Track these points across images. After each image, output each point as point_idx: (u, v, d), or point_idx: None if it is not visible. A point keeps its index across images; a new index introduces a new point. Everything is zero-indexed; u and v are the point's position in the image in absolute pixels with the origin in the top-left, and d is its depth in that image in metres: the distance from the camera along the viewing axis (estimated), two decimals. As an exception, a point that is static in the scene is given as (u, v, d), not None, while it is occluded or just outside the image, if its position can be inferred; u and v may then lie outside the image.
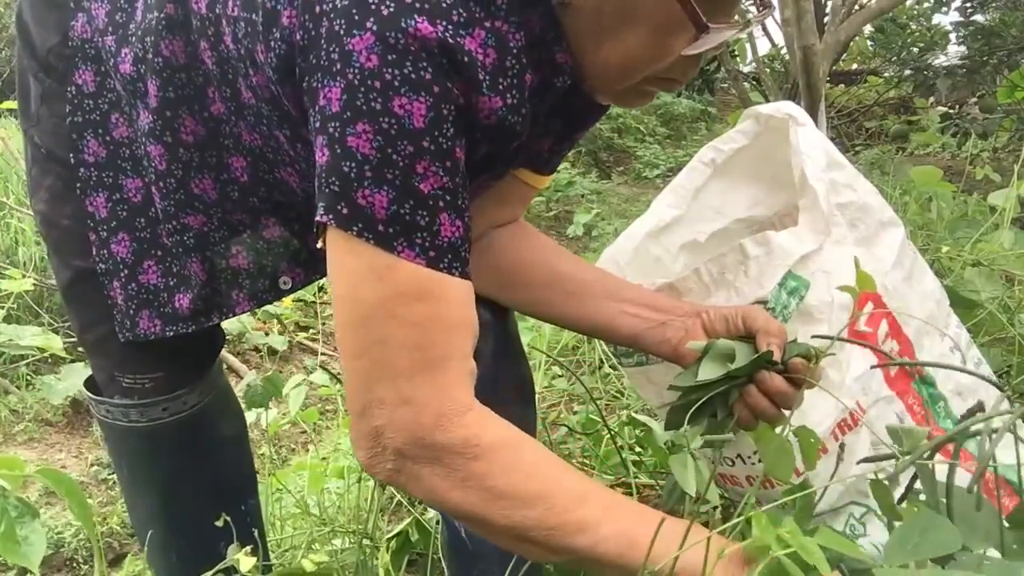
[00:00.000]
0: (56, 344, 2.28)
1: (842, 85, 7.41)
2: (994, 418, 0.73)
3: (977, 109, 6.17)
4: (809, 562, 0.62)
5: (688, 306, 1.05)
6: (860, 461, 0.88)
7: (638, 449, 1.66)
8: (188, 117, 0.93)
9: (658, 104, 6.57)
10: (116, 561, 1.98)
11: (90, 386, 1.13)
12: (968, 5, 5.75)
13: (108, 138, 0.99)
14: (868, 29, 7.04)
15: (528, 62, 0.80)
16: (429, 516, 1.45)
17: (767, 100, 5.68)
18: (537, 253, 1.10)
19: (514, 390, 1.13)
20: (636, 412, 1.78)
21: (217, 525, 1.05)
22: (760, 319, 0.97)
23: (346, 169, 0.74)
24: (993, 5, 5.64)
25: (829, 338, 0.93)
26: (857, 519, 1.04)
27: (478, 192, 0.93)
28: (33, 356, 2.69)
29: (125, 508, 2.00)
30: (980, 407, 0.71)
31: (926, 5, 6.71)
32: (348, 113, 0.73)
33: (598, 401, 1.86)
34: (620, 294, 1.07)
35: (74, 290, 1.07)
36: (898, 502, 0.76)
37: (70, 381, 2.53)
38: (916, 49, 6.40)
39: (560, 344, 2.42)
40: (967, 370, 1.08)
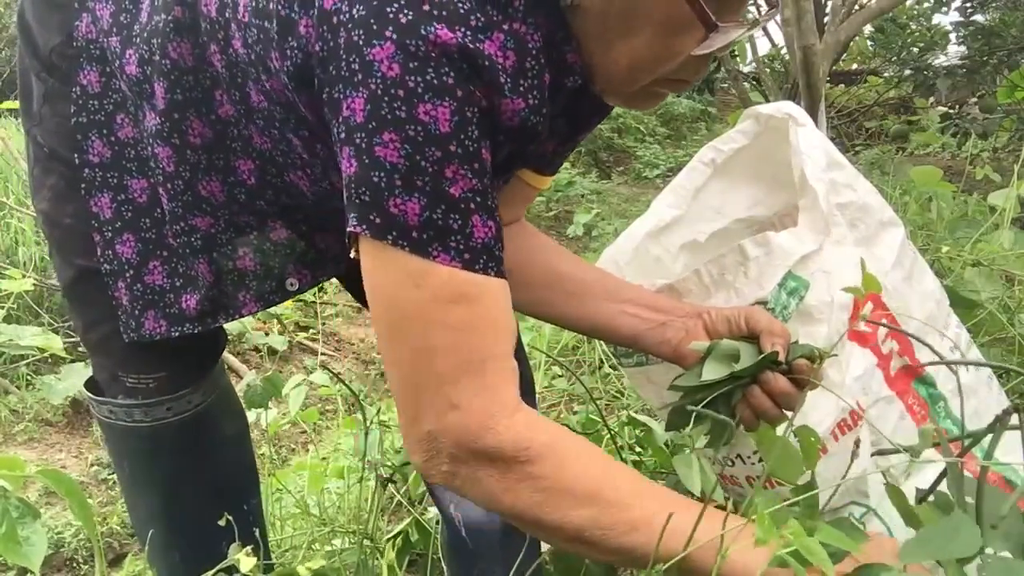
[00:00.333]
0: (56, 344, 2.28)
1: (842, 85, 7.41)
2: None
3: (977, 109, 6.17)
4: (812, 562, 0.62)
5: (688, 307, 1.05)
6: (874, 454, 0.89)
7: (638, 449, 1.67)
8: (196, 119, 0.93)
9: (658, 104, 6.56)
10: (116, 561, 1.98)
11: (91, 387, 1.13)
12: (968, 5, 5.75)
13: (113, 139, 0.99)
14: (868, 29, 7.04)
15: (546, 62, 0.80)
16: (429, 516, 1.45)
17: (767, 100, 5.68)
18: (537, 253, 1.10)
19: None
20: (636, 412, 1.78)
21: (219, 525, 1.05)
22: (763, 320, 0.97)
23: (376, 179, 0.74)
24: (993, 5, 5.64)
25: (897, 330, 0.93)
26: (857, 519, 1.05)
27: None
28: (33, 356, 2.69)
29: (125, 508, 2.00)
30: (1011, 411, 0.71)
31: (926, 5, 6.71)
32: (373, 123, 0.73)
33: (598, 401, 1.86)
34: (620, 294, 1.07)
35: (76, 289, 1.07)
36: (918, 503, 0.75)
37: (70, 381, 2.52)
38: (916, 49, 6.41)
39: (560, 344, 2.42)
40: (987, 363, 1.07)
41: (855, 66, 8.28)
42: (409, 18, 0.72)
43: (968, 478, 0.71)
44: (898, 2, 5.48)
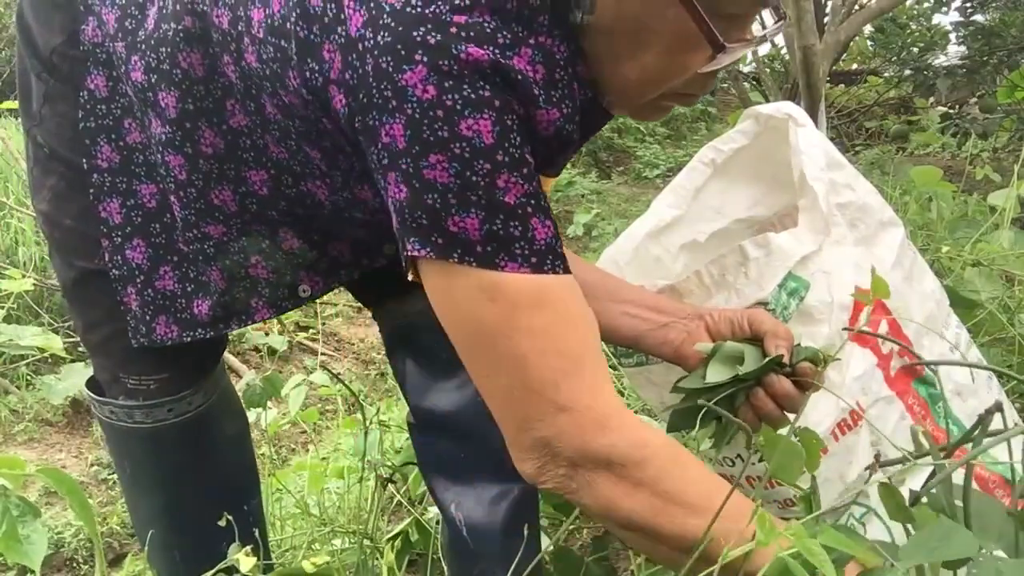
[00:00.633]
0: (56, 344, 2.28)
1: (842, 85, 7.40)
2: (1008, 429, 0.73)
3: (977, 109, 6.17)
4: (815, 564, 0.62)
5: (690, 308, 1.05)
6: (868, 467, 0.89)
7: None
8: (207, 129, 0.92)
9: (664, 116, 6.57)
10: (116, 561, 1.98)
11: (92, 386, 1.13)
12: (968, 5, 5.75)
13: (121, 143, 0.99)
14: (868, 29, 7.03)
15: (573, 72, 0.80)
16: (429, 516, 1.45)
17: (767, 100, 5.68)
18: None
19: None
20: (636, 412, 1.78)
21: (220, 525, 1.05)
22: (767, 322, 0.97)
23: (430, 201, 0.74)
24: (993, 5, 5.64)
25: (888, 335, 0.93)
26: (857, 519, 1.05)
27: None
28: (33, 356, 2.69)
29: (125, 508, 2.00)
30: (998, 407, 0.71)
31: (926, 5, 6.70)
32: (417, 147, 0.73)
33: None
34: (621, 295, 1.07)
35: (77, 291, 1.06)
36: (909, 504, 0.75)
37: (70, 381, 2.53)
38: (916, 49, 6.40)
39: (560, 344, 2.42)
40: (976, 365, 1.07)
41: (855, 66, 8.27)
42: (438, 39, 0.72)
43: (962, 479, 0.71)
44: (898, 2, 5.48)
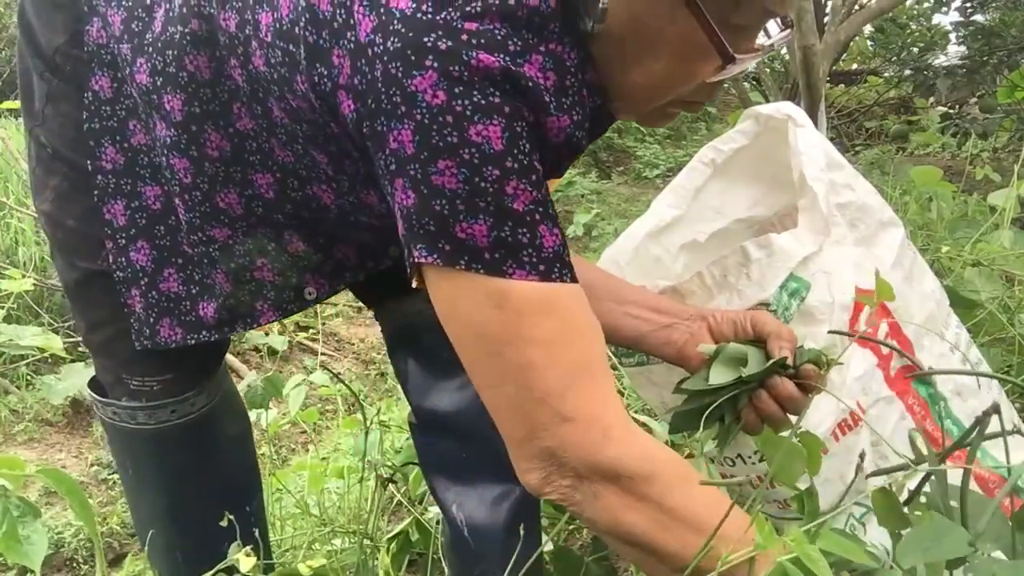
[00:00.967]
0: (56, 344, 2.28)
1: (842, 85, 7.40)
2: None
3: (977, 109, 6.17)
4: (813, 571, 0.62)
5: (692, 309, 1.05)
6: (870, 475, 0.89)
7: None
8: (214, 132, 0.92)
9: (671, 122, 6.57)
10: (116, 561, 1.98)
11: (94, 387, 1.13)
12: (968, 5, 5.75)
13: (126, 145, 0.98)
14: (868, 29, 7.03)
15: (583, 79, 0.80)
16: (429, 516, 1.45)
17: (767, 100, 5.69)
18: None
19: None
20: (636, 412, 1.78)
21: (221, 526, 1.05)
22: (771, 323, 0.97)
23: (438, 208, 0.74)
24: (993, 5, 5.64)
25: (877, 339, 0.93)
26: (857, 519, 1.05)
27: None
28: (33, 356, 2.69)
29: (125, 508, 2.00)
30: (995, 409, 0.71)
31: (926, 5, 6.71)
32: (425, 153, 0.73)
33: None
34: (623, 295, 1.07)
35: (80, 291, 1.06)
36: (904, 504, 0.75)
37: (70, 381, 2.53)
38: (916, 49, 6.40)
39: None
40: (970, 371, 1.07)
41: (855, 66, 8.27)
42: (449, 45, 0.72)
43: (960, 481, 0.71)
44: (898, 2, 5.48)
